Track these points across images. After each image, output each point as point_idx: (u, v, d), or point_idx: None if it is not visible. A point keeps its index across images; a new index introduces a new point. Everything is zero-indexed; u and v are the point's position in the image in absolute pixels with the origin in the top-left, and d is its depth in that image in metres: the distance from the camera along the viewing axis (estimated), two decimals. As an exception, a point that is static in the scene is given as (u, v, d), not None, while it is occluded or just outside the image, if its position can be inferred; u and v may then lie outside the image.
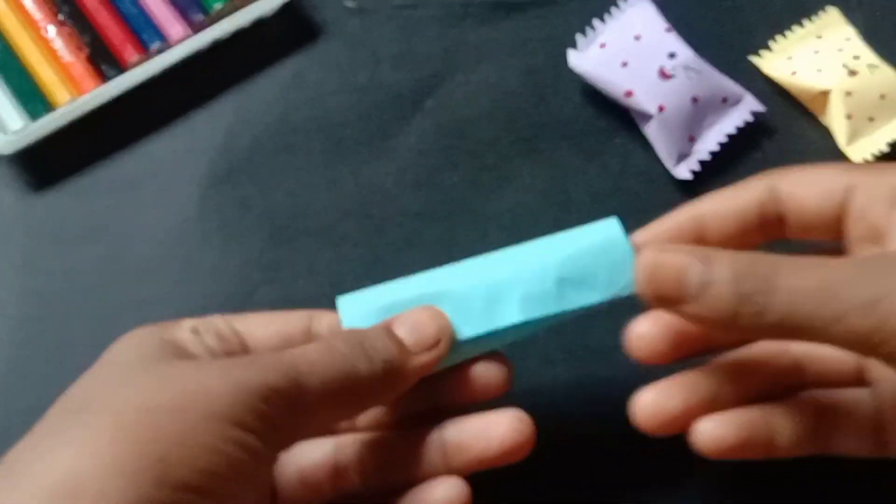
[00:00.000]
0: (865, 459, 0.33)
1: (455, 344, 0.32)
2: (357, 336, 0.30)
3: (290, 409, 0.28)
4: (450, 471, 0.32)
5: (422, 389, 0.32)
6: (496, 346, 0.33)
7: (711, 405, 0.32)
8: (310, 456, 0.33)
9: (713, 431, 0.31)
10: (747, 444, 0.31)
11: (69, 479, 0.24)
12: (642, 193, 0.43)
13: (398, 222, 0.42)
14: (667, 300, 0.29)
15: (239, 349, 0.31)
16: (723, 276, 0.28)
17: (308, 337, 0.32)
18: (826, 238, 0.32)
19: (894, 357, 0.27)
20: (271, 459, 0.28)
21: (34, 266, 0.41)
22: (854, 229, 0.31)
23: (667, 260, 0.29)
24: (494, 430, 0.32)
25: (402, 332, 0.31)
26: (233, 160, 0.44)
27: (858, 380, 0.33)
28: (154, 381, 0.27)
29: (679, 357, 0.33)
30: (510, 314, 0.32)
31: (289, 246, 0.42)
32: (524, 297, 0.32)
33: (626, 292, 0.32)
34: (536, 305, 0.32)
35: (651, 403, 0.32)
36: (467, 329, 0.32)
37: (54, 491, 0.24)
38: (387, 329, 0.31)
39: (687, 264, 0.28)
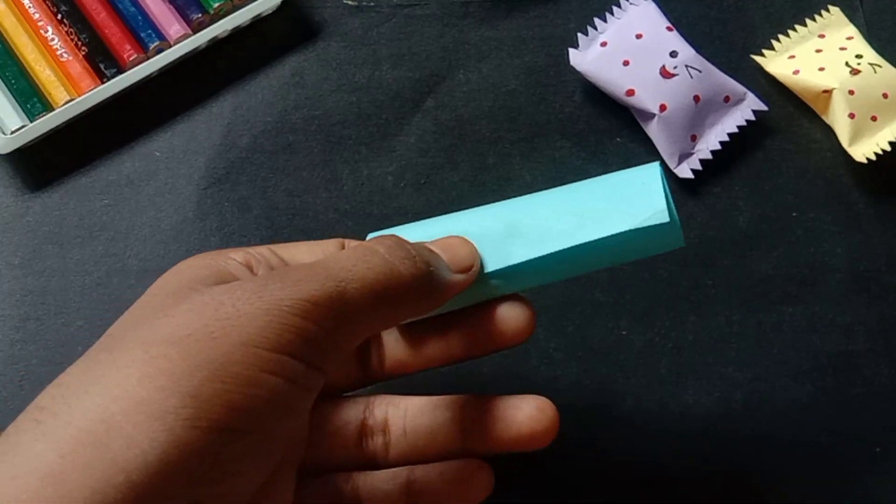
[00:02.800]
0: None
1: (478, 278, 0.31)
2: (396, 240, 0.29)
3: (332, 320, 0.26)
4: (466, 450, 0.32)
5: (445, 337, 0.32)
6: (519, 286, 0.32)
7: None
8: (340, 414, 0.32)
9: None
10: None
11: (96, 425, 0.23)
12: (643, 193, 0.43)
13: (398, 222, 0.42)
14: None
15: None
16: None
17: None
18: None
19: None
20: (314, 385, 0.26)
21: (32, 265, 0.41)
22: None
23: None
24: (519, 414, 0.31)
25: (437, 251, 0.31)
26: (232, 159, 0.43)
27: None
28: (186, 310, 0.25)
29: None
30: (526, 250, 0.31)
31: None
32: (542, 233, 0.31)
33: (651, 223, 0.30)
34: (553, 241, 0.31)
35: None
36: (488, 265, 0.31)
37: (80, 439, 0.22)
38: (424, 244, 0.31)
39: None
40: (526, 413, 0.31)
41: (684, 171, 0.42)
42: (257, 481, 0.26)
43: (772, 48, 0.45)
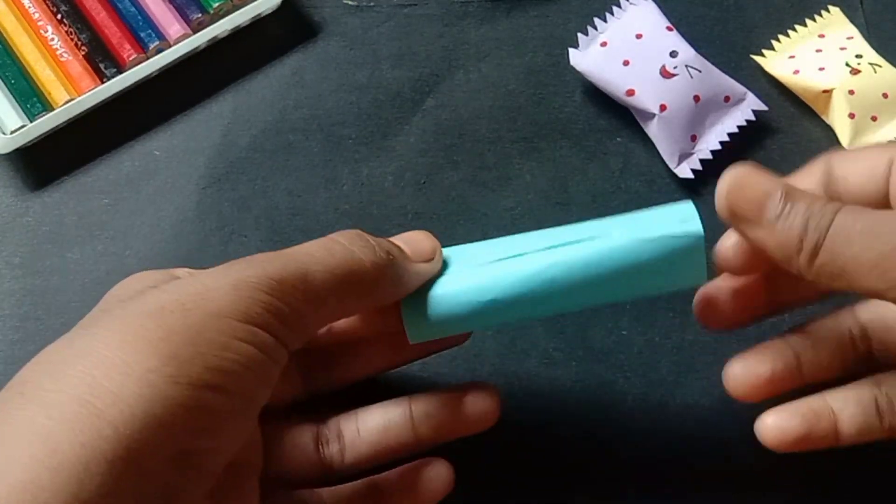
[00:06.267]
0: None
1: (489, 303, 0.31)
2: (357, 232, 0.31)
3: (296, 299, 0.28)
4: (419, 440, 0.33)
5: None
6: (533, 310, 0.32)
7: (794, 373, 0.33)
8: (295, 427, 0.34)
9: (778, 424, 0.32)
10: (812, 435, 0.32)
11: (81, 389, 0.24)
12: (644, 193, 0.43)
13: (398, 222, 0.42)
14: (742, 218, 0.30)
15: None
16: (798, 211, 0.29)
17: None
18: None
19: None
20: (280, 358, 0.28)
21: (32, 265, 0.41)
22: None
23: (753, 180, 0.30)
24: (463, 398, 0.33)
25: (399, 243, 0.32)
26: (232, 159, 0.43)
27: None
28: (157, 291, 0.27)
29: (747, 322, 0.35)
30: (530, 262, 0.31)
31: (288, 245, 0.42)
32: (549, 248, 0.31)
33: (682, 231, 0.31)
34: (562, 252, 0.31)
35: (741, 371, 0.33)
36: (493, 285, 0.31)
37: (67, 402, 0.24)
38: (386, 238, 0.32)
39: (771, 191, 0.29)
40: (469, 398, 0.33)
41: (684, 171, 0.42)
42: (237, 441, 0.27)
43: (772, 48, 0.45)
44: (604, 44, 0.44)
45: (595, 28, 0.45)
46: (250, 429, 0.28)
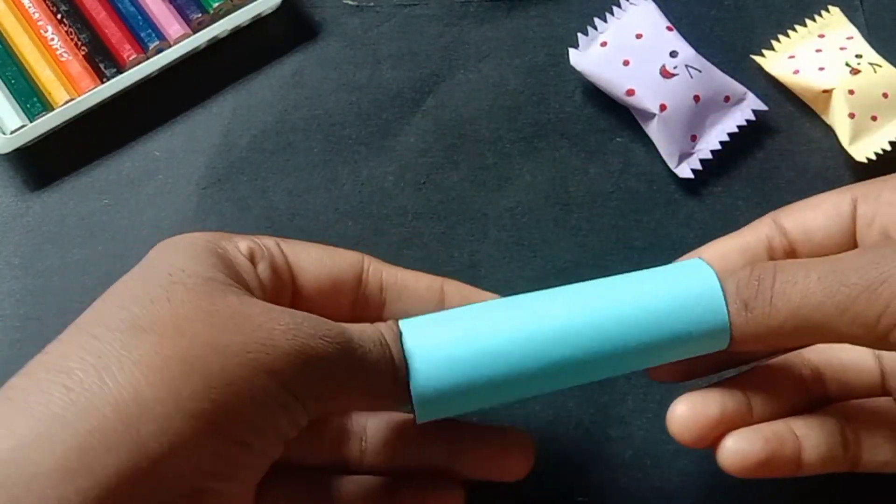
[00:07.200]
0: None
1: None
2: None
3: (338, 382, 0.28)
4: (449, 468, 0.32)
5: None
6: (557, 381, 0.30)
7: (746, 414, 0.31)
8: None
9: (739, 447, 0.30)
10: (775, 459, 0.30)
11: (131, 402, 0.24)
12: (644, 192, 0.43)
13: (398, 222, 0.42)
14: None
15: (289, 285, 0.31)
16: (729, 290, 0.28)
17: (357, 283, 0.32)
18: None
19: None
20: (303, 426, 0.28)
21: (32, 265, 0.41)
22: (865, 238, 0.31)
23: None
24: (508, 453, 0.32)
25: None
26: (232, 159, 0.43)
27: (883, 389, 0.33)
28: (226, 320, 0.26)
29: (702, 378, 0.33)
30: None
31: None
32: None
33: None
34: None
35: (687, 414, 0.31)
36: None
37: (117, 411, 0.24)
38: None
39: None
40: (507, 445, 0.32)
41: (684, 171, 0.42)
42: (246, 486, 0.27)
43: (772, 48, 0.45)
44: (604, 44, 0.44)
45: (595, 28, 0.45)
46: (259, 477, 0.28)
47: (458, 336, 0.29)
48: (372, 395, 0.29)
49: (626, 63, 0.43)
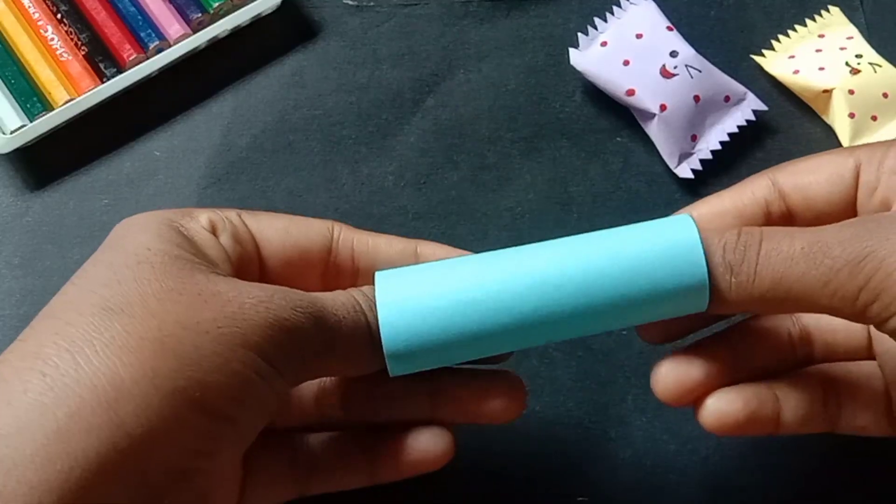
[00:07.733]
0: (877, 439, 0.32)
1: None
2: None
3: (314, 351, 0.28)
4: (435, 417, 0.32)
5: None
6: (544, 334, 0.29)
7: (730, 374, 0.31)
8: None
9: (719, 406, 0.31)
10: (754, 419, 0.31)
11: (107, 384, 0.24)
12: (644, 192, 0.43)
13: (398, 222, 0.42)
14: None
15: (255, 257, 0.31)
16: (716, 252, 0.28)
17: (327, 253, 0.31)
18: None
19: (883, 320, 0.26)
20: (285, 395, 0.28)
21: (32, 265, 0.41)
22: (865, 207, 0.30)
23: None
24: (493, 395, 0.31)
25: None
26: (232, 159, 0.43)
27: (869, 353, 0.33)
28: (194, 297, 0.26)
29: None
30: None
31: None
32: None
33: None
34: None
35: (671, 375, 0.31)
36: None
37: (94, 393, 0.24)
38: None
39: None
40: (493, 386, 0.32)
41: (684, 171, 0.42)
42: (230, 464, 0.28)
43: (772, 48, 0.45)
44: (604, 44, 0.44)
45: (595, 28, 0.45)
46: (245, 448, 0.28)
47: (430, 286, 0.29)
48: (349, 361, 0.29)
49: (626, 63, 0.43)
